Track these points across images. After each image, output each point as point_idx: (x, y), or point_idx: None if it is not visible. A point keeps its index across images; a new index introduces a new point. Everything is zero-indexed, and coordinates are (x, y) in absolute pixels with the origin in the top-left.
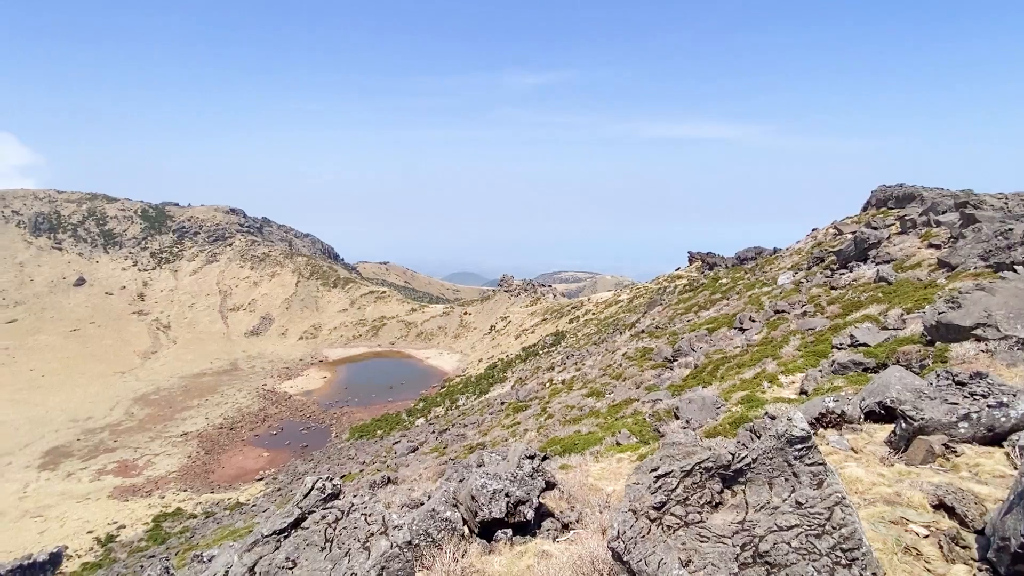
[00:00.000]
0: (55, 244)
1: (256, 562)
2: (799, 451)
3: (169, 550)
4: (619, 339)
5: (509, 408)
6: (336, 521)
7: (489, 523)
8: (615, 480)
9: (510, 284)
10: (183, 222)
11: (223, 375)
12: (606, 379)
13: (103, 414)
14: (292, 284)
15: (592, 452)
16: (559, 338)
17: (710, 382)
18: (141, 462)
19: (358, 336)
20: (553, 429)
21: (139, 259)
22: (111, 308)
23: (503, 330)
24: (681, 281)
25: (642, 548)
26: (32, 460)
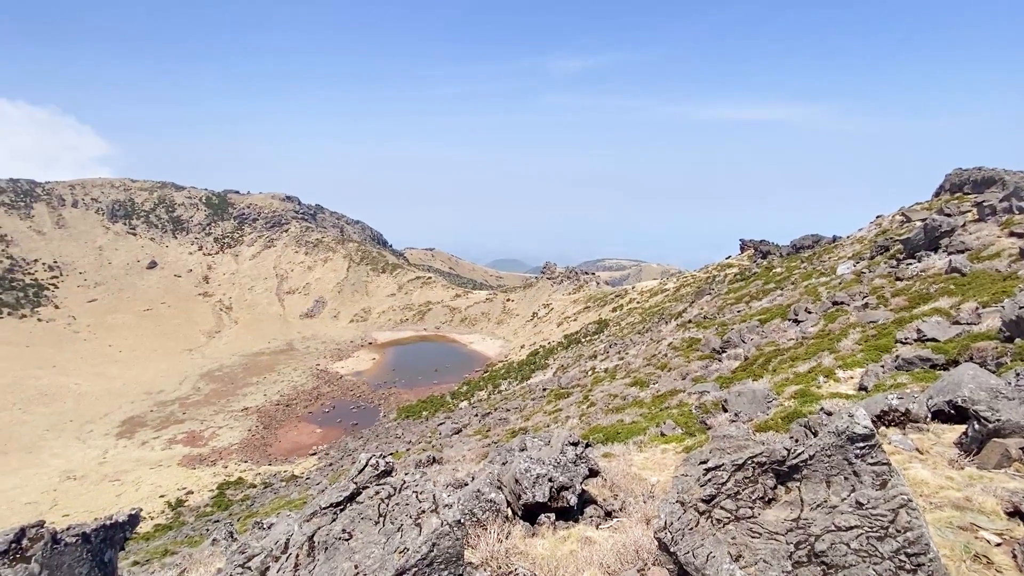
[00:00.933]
0: (130, 229)
1: (315, 532)
2: (861, 449)
3: (232, 516)
4: (664, 329)
5: (551, 395)
6: (389, 497)
7: (532, 506)
8: (659, 471)
9: (553, 271)
10: (243, 209)
11: (280, 354)
12: (650, 369)
13: (173, 388)
14: (344, 269)
15: (635, 442)
16: (602, 326)
17: (761, 375)
18: (207, 434)
19: (405, 320)
20: (595, 417)
21: (204, 244)
22: (180, 290)
23: (545, 317)
24: (732, 270)
25: (690, 540)
26: (111, 428)
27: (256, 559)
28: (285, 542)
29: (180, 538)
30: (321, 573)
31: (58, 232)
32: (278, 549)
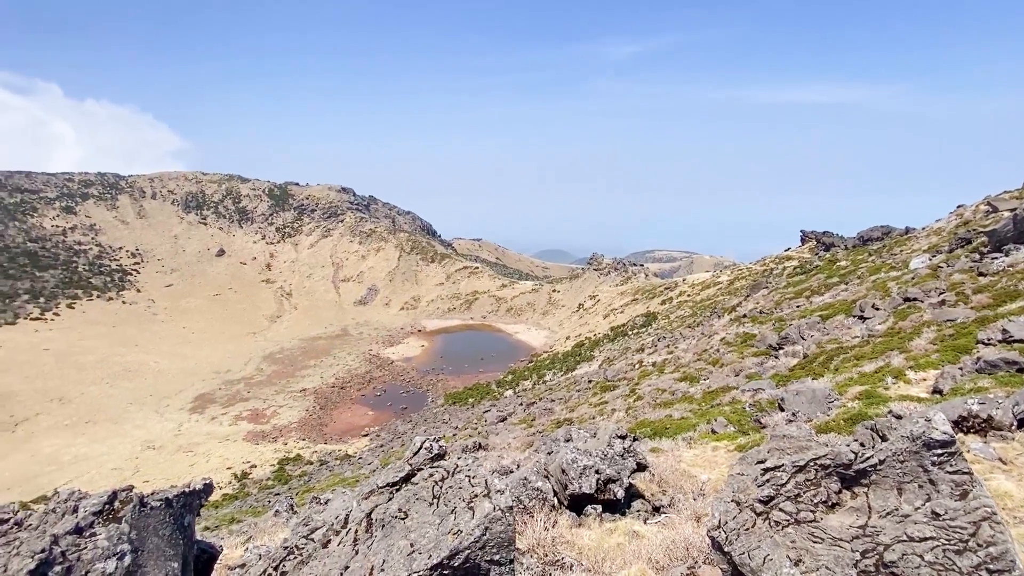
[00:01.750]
0: (201, 219)
1: (372, 509)
2: (939, 456)
3: (291, 490)
4: (717, 323)
5: (597, 387)
6: (442, 480)
7: (578, 497)
8: (710, 468)
9: (599, 263)
10: (302, 200)
11: (335, 339)
12: (701, 364)
13: (239, 368)
14: (395, 258)
15: (684, 438)
16: (650, 319)
17: (821, 374)
18: (269, 412)
19: (452, 309)
20: (642, 411)
21: (266, 233)
22: (245, 276)
23: (591, 309)
24: (791, 263)
25: (745, 541)
26: (185, 404)
27: (318, 532)
28: (345, 517)
29: (245, 508)
30: (379, 549)
31: (139, 222)
32: (338, 523)
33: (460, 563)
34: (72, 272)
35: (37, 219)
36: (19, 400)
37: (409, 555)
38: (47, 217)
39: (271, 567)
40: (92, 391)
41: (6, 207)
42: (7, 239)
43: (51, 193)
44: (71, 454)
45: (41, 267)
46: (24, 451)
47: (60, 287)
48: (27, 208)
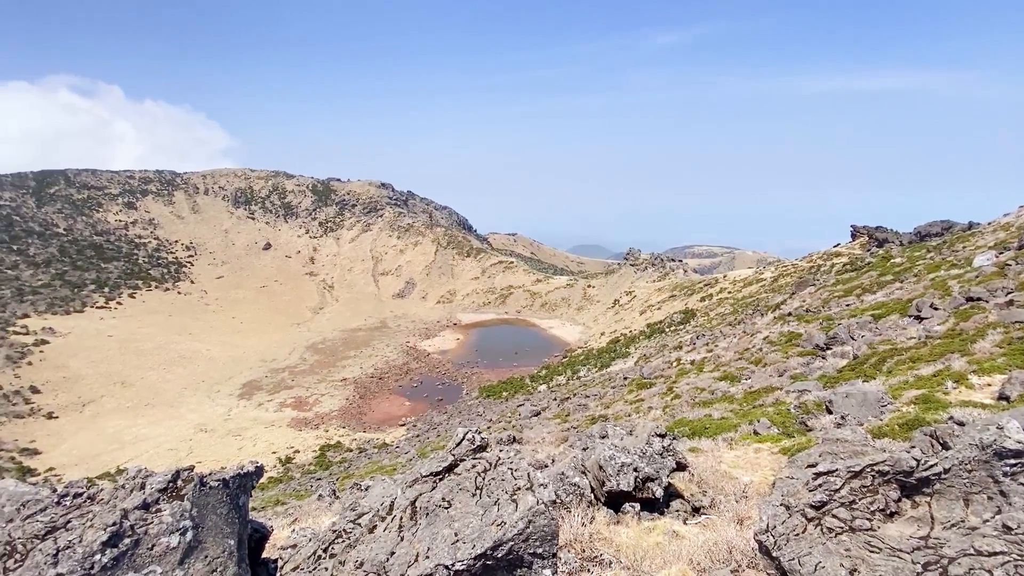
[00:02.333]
0: (249, 214)
1: (417, 497)
2: (1011, 467)
3: (332, 475)
4: (759, 321)
5: (632, 384)
6: (485, 471)
7: (616, 494)
8: (752, 470)
9: (636, 258)
10: (344, 196)
11: (374, 331)
12: (742, 363)
13: (284, 357)
14: (432, 253)
15: (725, 438)
16: (688, 316)
17: (873, 376)
18: (311, 400)
19: (487, 303)
20: (680, 410)
21: (310, 228)
22: (290, 269)
23: (627, 305)
24: (840, 259)
25: (795, 547)
26: (234, 390)
27: (365, 517)
28: (390, 504)
29: (289, 491)
30: (423, 536)
31: (193, 217)
32: (384, 510)
33: (504, 554)
34: (133, 264)
35: (102, 214)
36: (86, 383)
37: (453, 544)
38: (111, 212)
39: (320, 549)
40: (151, 376)
41: (75, 203)
42: (76, 233)
43: (114, 189)
44: (132, 434)
45: (106, 259)
46: (90, 430)
47: (123, 278)
48: (93, 204)
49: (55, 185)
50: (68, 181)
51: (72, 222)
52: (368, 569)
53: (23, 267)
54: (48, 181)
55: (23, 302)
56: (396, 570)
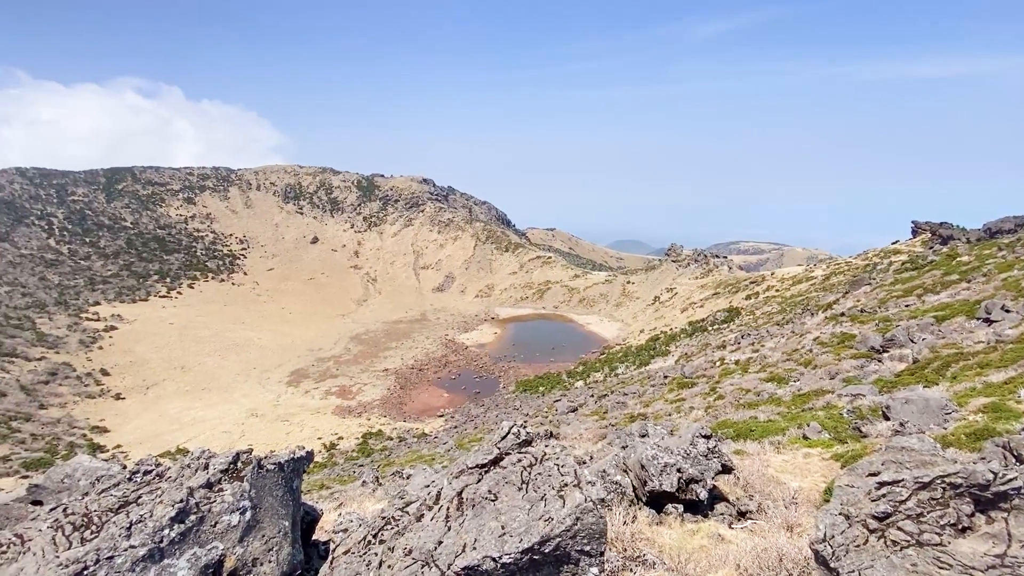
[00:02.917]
0: (298, 209)
1: (463, 489)
2: None
3: (373, 462)
4: (809, 321)
5: (673, 383)
6: (531, 466)
7: (658, 495)
8: (801, 476)
9: (678, 254)
10: (387, 191)
11: (415, 323)
12: (790, 364)
13: (329, 347)
14: (471, 247)
15: (772, 442)
16: (733, 315)
17: (935, 381)
18: (354, 388)
19: (525, 298)
20: (724, 411)
21: (355, 222)
22: (335, 262)
23: (668, 302)
24: (899, 257)
25: (855, 558)
26: (283, 377)
27: (413, 505)
28: (437, 494)
29: (333, 476)
30: (470, 527)
31: (246, 211)
32: (431, 499)
33: (551, 550)
34: (192, 256)
35: (164, 209)
36: (150, 367)
37: (500, 536)
38: (172, 207)
39: (371, 534)
40: (207, 362)
41: (140, 198)
42: (141, 226)
43: (175, 185)
44: (190, 416)
45: (168, 251)
46: (153, 411)
47: (182, 269)
48: (157, 199)
49: (123, 181)
50: (134, 177)
51: (138, 216)
52: (416, 557)
53: (95, 258)
54: (117, 178)
55: (95, 291)
56: (444, 559)
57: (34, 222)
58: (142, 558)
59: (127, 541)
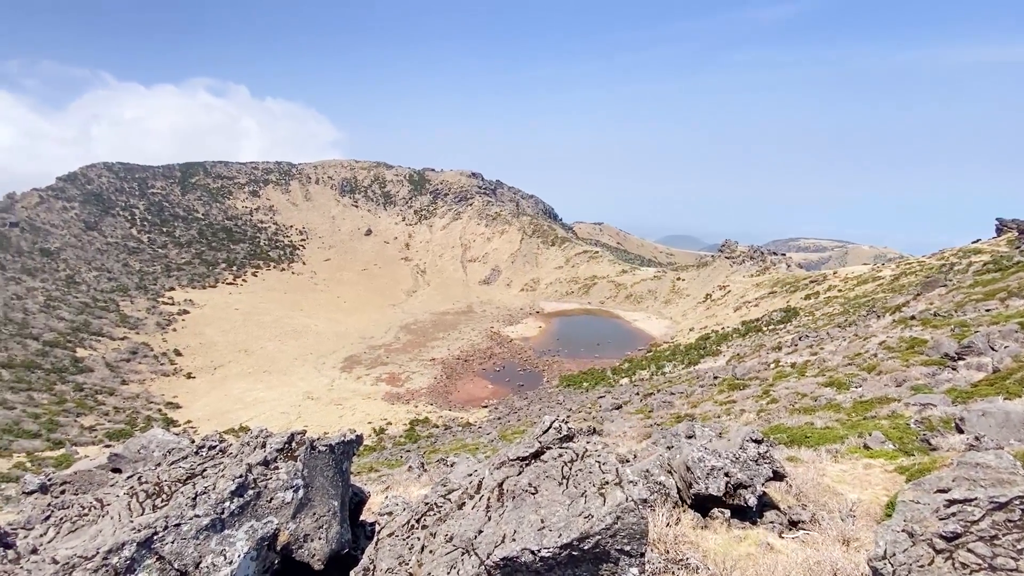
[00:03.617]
0: (353, 202)
1: (504, 480)
2: None
3: (420, 448)
4: (875, 324)
5: (724, 384)
6: (571, 462)
7: (704, 498)
8: (861, 488)
9: (733, 250)
10: (437, 185)
11: (461, 315)
12: (852, 369)
13: (380, 335)
14: (517, 241)
15: (829, 450)
16: (790, 315)
17: (1018, 393)
18: (403, 376)
19: (570, 293)
20: (777, 415)
21: (406, 215)
22: (387, 254)
23: (720, 300)
24: (980, 257)
25: None
26: (337, 363)
27: (455, 493)
28: (478, 483)
29: (381, 459)
30: (510, 518)
31: (306, 204)
32: (472, 488)
33: (590, 547)
34: (256, 246)
35: (232, 201)
36: (217, 349)
37: (539, 530)
38: (239, 200)
39: (414, 519)
40: (268, 346)
41: (211, 191)
42: (211, 218)
43: (242, 179)
44: (252, 397)
45: (234, 241)
46: (220, 390)
47: (247, 258)
48: (225, 192)
49: (196, 175)
50: (206, 172)
51: (208, 208)
52: (457, 544)
53: (170, 246)
54: (190, 172)
55: (170, 277)
56: (484, 548)
57: (119, 213)
58: (205, 527)
59: (192, 511)
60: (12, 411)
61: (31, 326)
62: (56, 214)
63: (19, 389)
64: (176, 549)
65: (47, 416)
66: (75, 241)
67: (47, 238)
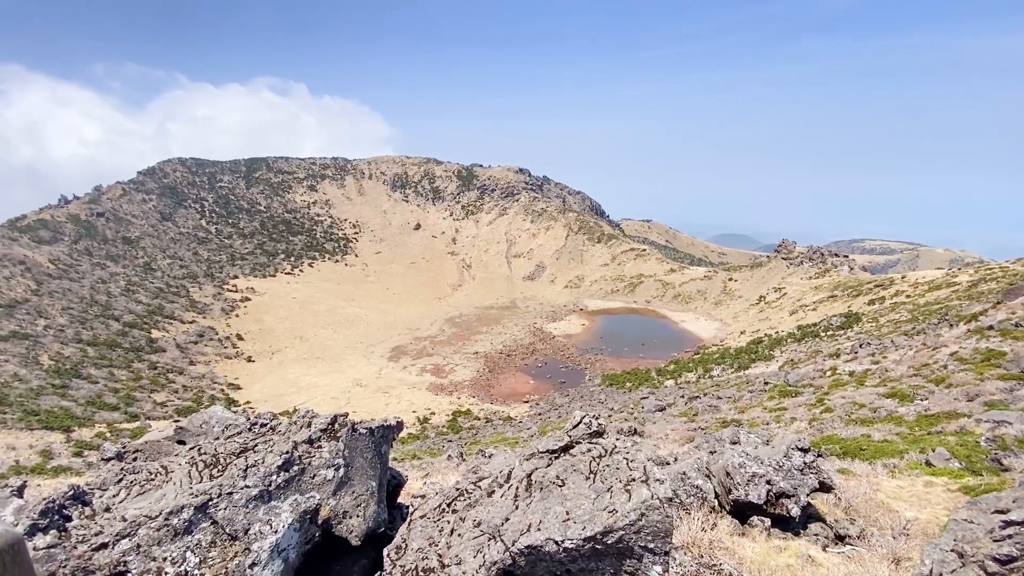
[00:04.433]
0: (404, 197)
1: (533, 471)
2: None
3: (461, 439)
4: (947, 333)
5: (774, 390)
6: (600, 457)
7: (743, 505)
8: (919, 506)
9: (790, 251)
10: (484, 181)
11: (505, 310)
12: (918, 381)
13: (426, 327)
14: (562, 237)
15: (885, 464)
16: (851, 321)
17: None
18: (447, 368)
19: (615, 291)
20: (831, 425)
21: (454, 210)
22: (435, 248)
23: (775, 302)
24: None
25: None
26: (385, 352)
27: (485, 481)
28: (508, 473)
29: (424, 448)
30: (536, 508)
31: (359, 199)
32: (502, 477)
33: (613, 541)
34: (312, 238)
35: (291, 195)
36: (275, 335)
37: (564, 521)
38: (298, 193)
39: (445, 503)
40: (321, 334)
41: (273, 185)
42: (272, 211)
43: (301, 174)
44: (305, 381)
45: (293, 233)
46: (276, 374)
47: (304, 249)
48: (285, 186)
49: (259, 170)
50: (268, 167)
51: (270, 201)
52: (484, 529)
53: (235, 237)
54: (254, 167)
55: (234, 266)
56: (509, 536)
57: (190, 205)
58: (254, 497)
59: (243, 481)
60: (95, 385)
61: (113, 308)
62: (136, 205)
63: (102, 365)
64: (228, 515)
65: (125, 391)
66: (152, 231)
67: (128, 227)
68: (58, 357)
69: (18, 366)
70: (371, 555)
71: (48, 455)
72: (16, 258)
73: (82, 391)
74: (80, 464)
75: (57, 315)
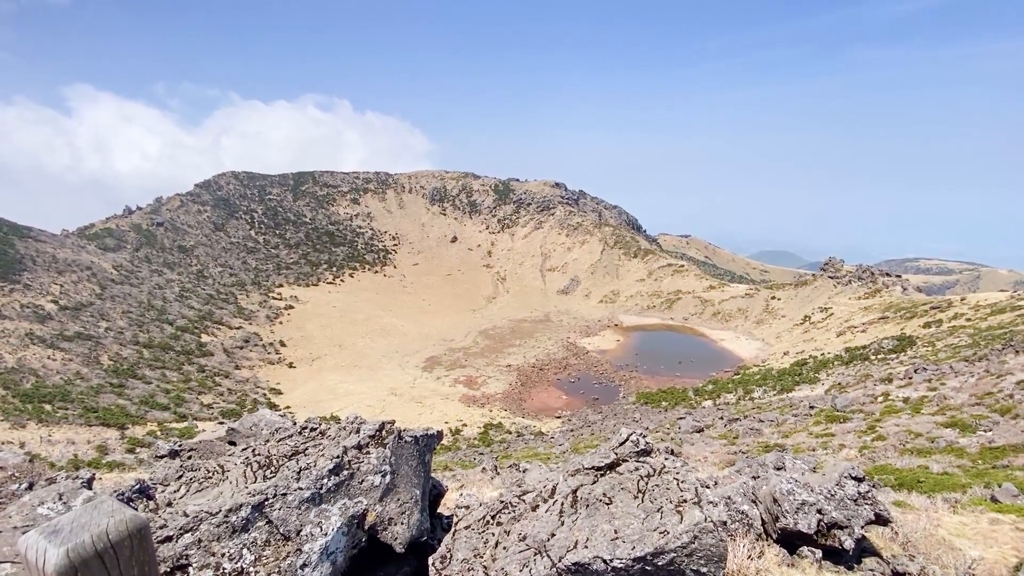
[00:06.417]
0: (441, 211)
1: (578, 487)
2: None
3: (492, 452)
4: (1012, 360)
5: (820, 415)
6: (648, 476)
7: (791, 534)
8: (984, 545)
9: (837, 269)
10: (520, 195)
11: (538, 324)
12: (980, 410)
13: (460, 339)
14: (598, 252)
15: (946, 499)
16: (904, 344)
17: None
18: (480, 380)
19: (652, 307)
20: (884, 455)
21: (490, 224)
22: (471, 260)
23: (821, 323)
24: None
25: None
26: (419, 362)
27: (529, 495)
28: (552, 488)
29: (456, 459)
30: (583, 526)
31: (399, 212)
32: (546, 492)
33: (664, 563)
34: (354, 249)
35: (335, 208)
36: (315, 342)
37: (612, 540)
38: (341, 206)
39: (490, 515)
40: (359, 343)
41: (318, 198)
42: (317, 222)
43: (344, 188)
44: (343, 388)
45: (335, 244)
46: (315, 380)
47: (345, 260)
48: (330, 199)
49: (305, 183)
50: (314, 180)
51: (315, 213)
52: (530, 544)
53: (281, 247)
54: (301, 180)
55: (280, 275)
56: (556, 552)
57: (241, 216)
58: (307, 499)
59: (296, 483)
60: (149, 385)
61: (168, 313)
62: (192, 216)
63: (155, 367)
64: (282, 515)
65: (175, 392)
66: (205, 240)
67: (184, 237)
68: (117, 358)
69: (81, 365)
70: (413, 564)
71: (104, 450)
72: (84, 264)
73: (137, 391)
74: (132, 460)
75: (118, 318)
